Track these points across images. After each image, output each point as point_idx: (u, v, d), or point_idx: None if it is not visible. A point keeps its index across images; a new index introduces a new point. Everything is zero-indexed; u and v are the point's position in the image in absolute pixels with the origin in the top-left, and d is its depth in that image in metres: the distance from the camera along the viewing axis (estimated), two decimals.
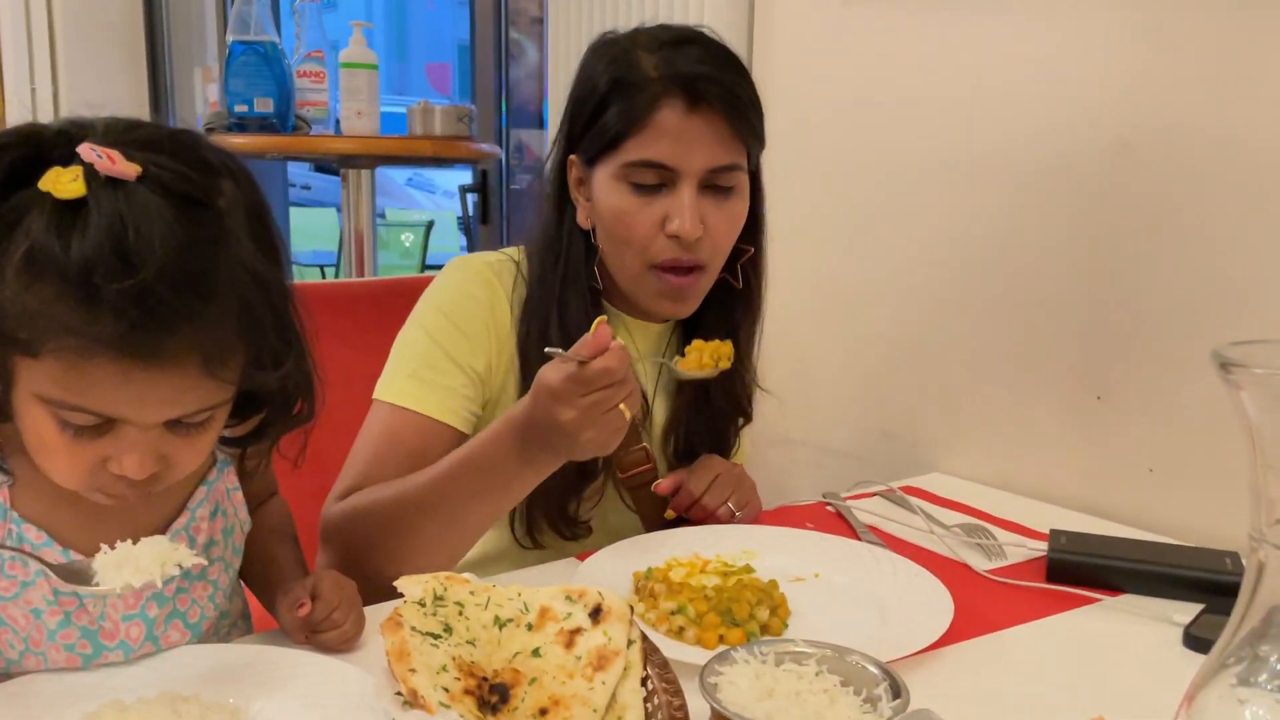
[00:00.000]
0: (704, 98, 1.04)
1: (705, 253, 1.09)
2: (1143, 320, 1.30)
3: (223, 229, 0.72)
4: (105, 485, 0.75)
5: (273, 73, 2.14)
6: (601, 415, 0.92)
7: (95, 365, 0.68)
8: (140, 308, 0.66)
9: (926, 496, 1.37)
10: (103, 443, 0.72)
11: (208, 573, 0.88)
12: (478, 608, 0.83)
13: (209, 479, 0.89)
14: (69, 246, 0.66)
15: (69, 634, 0.81)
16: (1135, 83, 1.29)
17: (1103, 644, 0.96)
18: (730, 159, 1.07)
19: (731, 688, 0.72)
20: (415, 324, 1.14)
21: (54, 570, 0.76)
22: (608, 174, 1.09)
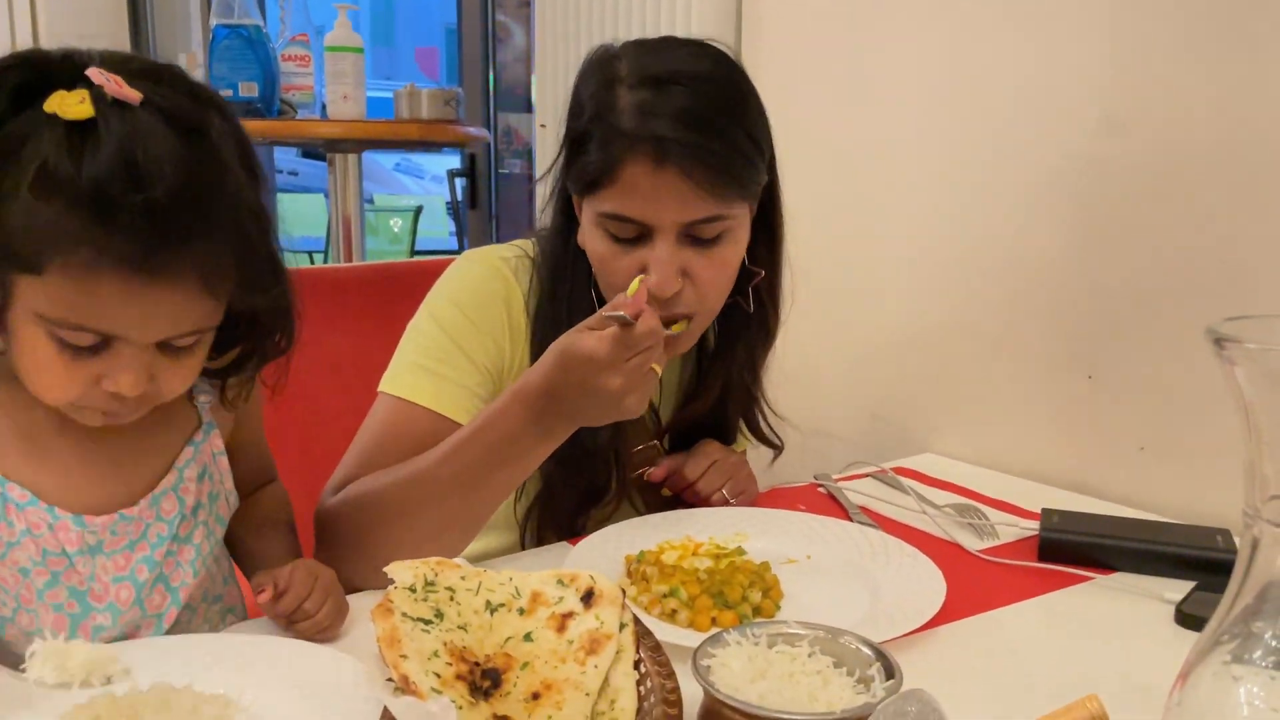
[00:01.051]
0: (670, 158, 0.96)
1: (689, 305, 1.03)
2: (1133, 299, 1.30)
3: (218, 156, 0.75)
4: (96, 402, 0.77)
5: (257, 56, 2.12)
6: (643, 377, 0.91)
7: (101, 282, 0.70)
8: (151, 224, 0.69)
9: (918, 477, 1.37)
10: (98, 361, 0.74)
11: (192, 536, 0.88)
12: (469, 593, 0.82)
13: (195, 439, 0.89)
14: (81, 165, 0.68)
15: (57, 593, 0.81)
16: (1124, 60, 1.28)
17: (1095, 622, 0.97)
18: (706, 212, 1.00)
19: (724, 670, 0.72)
20: (427, 316, 1.10)
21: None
22: (589, 215, 1.04)
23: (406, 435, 1.03)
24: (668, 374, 1.20)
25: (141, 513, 0.85)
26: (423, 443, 1.01)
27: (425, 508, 0.97)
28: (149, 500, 0.86)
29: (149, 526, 0.86)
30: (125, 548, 0.84)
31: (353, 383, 1.45)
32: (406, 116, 2.24)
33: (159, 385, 0.78)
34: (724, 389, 1.19)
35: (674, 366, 1.22)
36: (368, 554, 0.95)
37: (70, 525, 0.81)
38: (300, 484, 1.23)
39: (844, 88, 1.63)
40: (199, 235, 0.72)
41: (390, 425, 1.05)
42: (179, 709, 0.71)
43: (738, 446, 1.30)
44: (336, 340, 1.55)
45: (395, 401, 1.05)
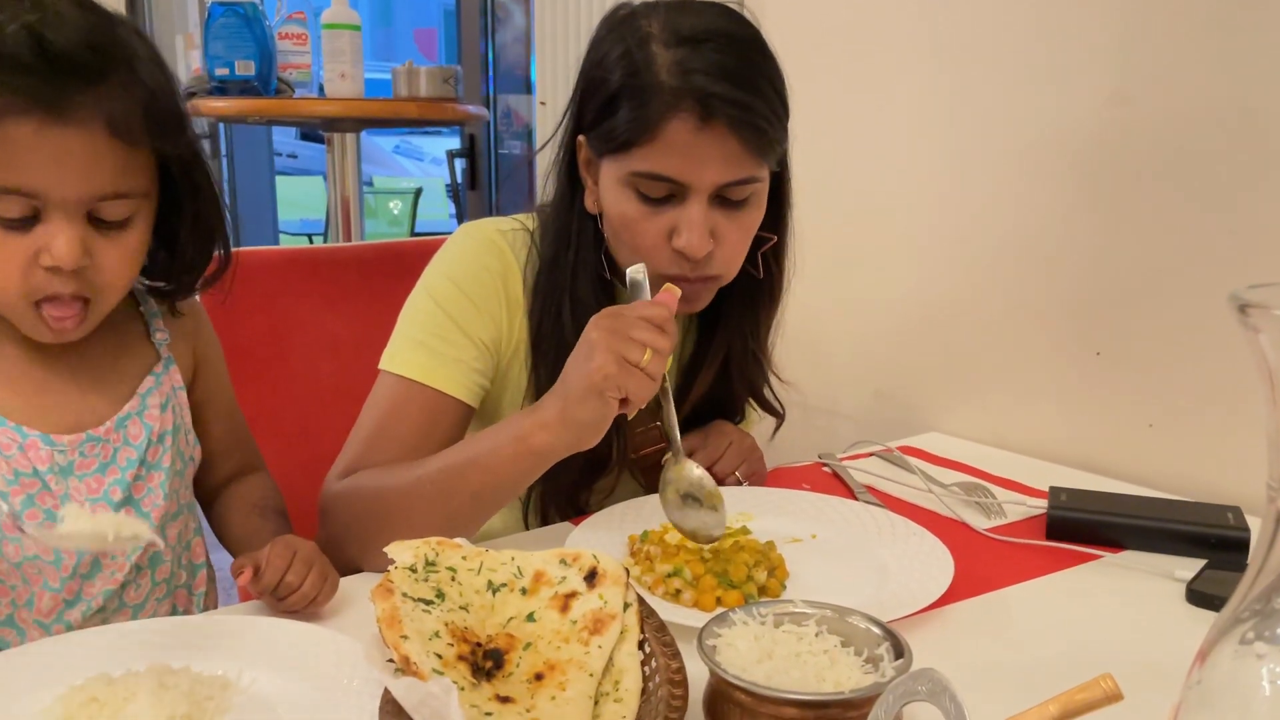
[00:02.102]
0: (715, 115, 0.95)
1: (716, 266, 1.03)
2: (1142, 275, 1.28)
3: (120, 26, 0.80)
4: (39, 285, 0.78)
5: (253, 34, 2.09)
6: (623, 343, 0.88)
7: (9, 125, 0.74)
8: (43, 58, 0.73)
9: (924, 456, 1.35)
10: (31, 236, 0.77)
11: (160, 461, 0.91)
12: (470, 573, 0.81)
13: (156, 370, 0.92)
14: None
15: (34, 515, 0.83)
16: (1133, 34, 1.26)
17: (1105, 601, 0.95)
18: (744, 173, 0.99)
19: (730, 650, 0.71)
20: (424, 292, 1.09)
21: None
22: (615, 175, 1.01)
23: (409, 415, 1.02)
24: None
25: (108, 434, 0.87)
26: (424, 421, 1.01)
27: (432, 508, 0.96)
28: (114, 422, 0.88)
29: (117, 450, 0.88)
30: (96, 470, 0.86)
31: (351, 363, 1.44)
32: (405, 95, 2.22)
33: (98, 265, 0.80)
34: (728, 356, 1.18)
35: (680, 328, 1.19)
36: (374, 545, 0.92)
37: (39, 444, 0.84)
38: (300, 463, 1.23)
39: (851, 63, 1.61)
40: (97, 76, 0.76)
41: (392, 405, 1.04)
42: (176, 690, 0.70)
43: (745, 425, 1.29)
44: (335, 320, 1.54)
45: (396, 380, 1.04)
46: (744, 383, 1.19)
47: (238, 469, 1.02)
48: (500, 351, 1.09)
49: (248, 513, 1.00)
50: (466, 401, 1.06)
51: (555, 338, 1.07)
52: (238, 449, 1.02)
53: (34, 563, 0.85)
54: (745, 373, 1.19)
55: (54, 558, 0.85)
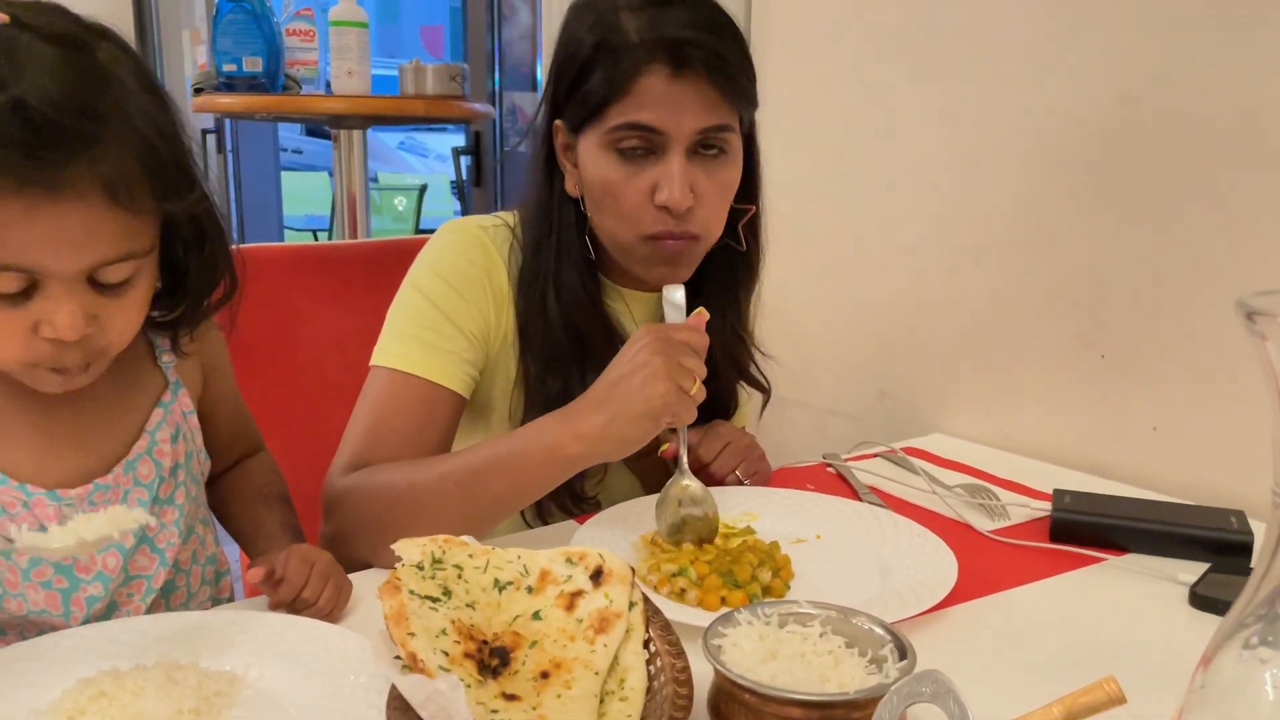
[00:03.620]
0: (689, 62, 0.99)
1: (698, 224, 1.05)
2: (1147, 277, 1.28)
3: (106, 70, 0.72)
4: (42, 356, 0.73)
5: (261, 31, 2.10)
6: (679, 372, 0.91)
7: (2, 204, 0.67)
8: (27, 129, 0.66)
9: (928, 457, 1.36)
10: (29, 308, 0.72)
11: (174, 497, 0.88)
12: (476, 570, 0.81)
13: (164, 400, 0.88)
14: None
15: (43, 571, 0.80)
16: (1141, 34, 1.26)
17: (1108, 604, 0.96)
18: (719, 119, 1.02)
19: (735, 650, 0.71)
20: (411, 288, 1.11)
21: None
22: (594, 142, 1.04)
23: (405, 406, 1.04)
24: (644, 312, 1.19)
25: (117, 479, 0.84)
26: (421, 412, 1.04)
27: (453, 508, 0.97)
28: (123, 467, 0.85)
29: (128, 492, 0.85)
30: None
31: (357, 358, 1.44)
32: (411, 92, 2.22)
33: (102, 326, 0.75)
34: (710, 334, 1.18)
35: (655, 307, 1.19)
36: (384, 541, 0.92)
37: (45, 501, 0.80)
38: (308, 459, 1.23)
39: (856, 57, 1.61)
40: (88, 141, 0.69)
41: (389, 397, 1.05)
42: (185, 685, 0.71)
43: (737, 421, 1.30)
44: (341, 316, 1.55)
45: (390, 374, 1.06)
46: (728, 360, 1.20)
47: (241, 456, 1.02)
48: (489, 342, 1.11)
49: (251, 501, 0.99)
50: (459, 392, 1.07)
51: (541, 324, 1.09)
52: (242, 439, 1.02)
53: (42, 616, 0.82)
54: (730, 350, 1.20)
55: (62, 611, 0.82)
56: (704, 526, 1.00)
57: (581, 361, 1.09)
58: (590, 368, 1.07)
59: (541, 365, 1.09)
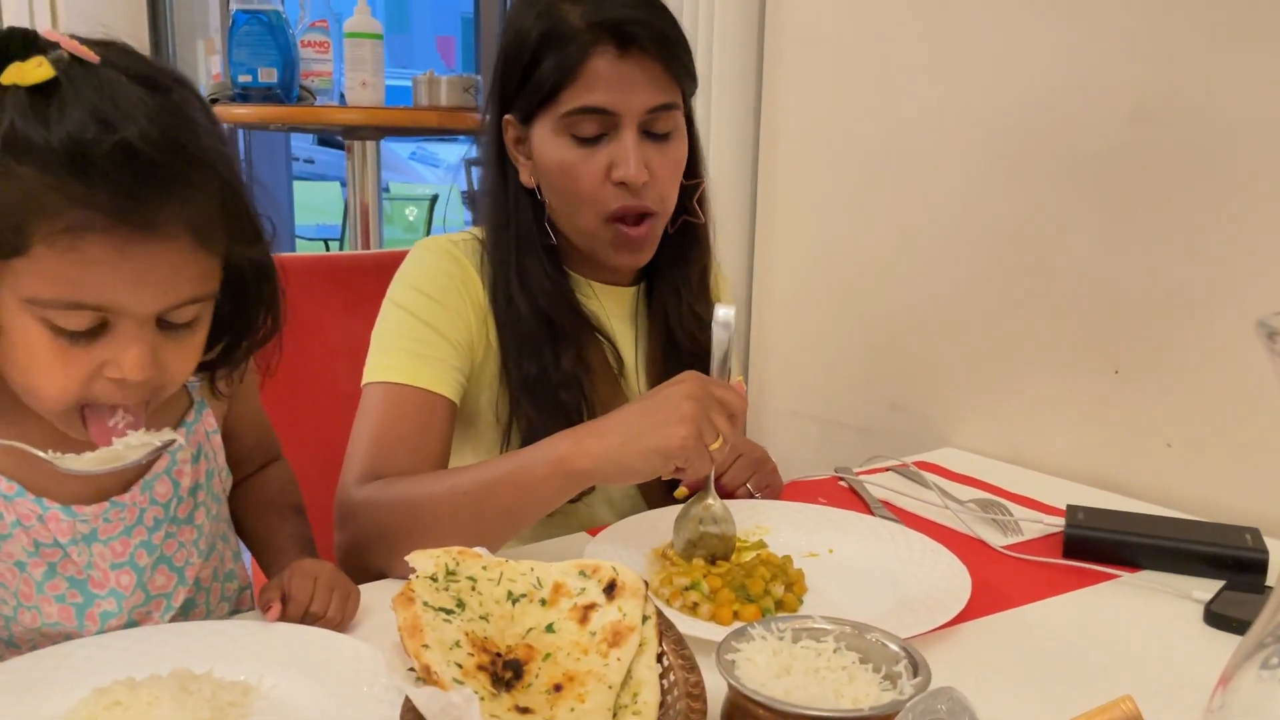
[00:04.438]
0: (634, 40, 1.04)
1: (653, 199, 1.10)
2: (1162, 293, 1.28)
3: (185, 110, 0.72)
4: (101, 395, 0.73)
5: (277, 42, 2.11)
6: (707, 424, 0.91)
7: (90, 243, 0.67)
8: (131, 171, 0.66)
9: (940, 471, 1.35)
10: (97, 348, 0.71)
11: (193, 517, 0.88)
12: (490, 583, 0.82)
13: (188, 420, 0.88)
14: (48, 124, 0.65)
15: (56, 585, 0.81)
16: (1153, 50, 1.26)
17: (1123, 621, 0.95)
18: (667, 98, 1.08)
19: (749, 664, 0.71)
20: (392, 305, 1.14)
21: None
22: (547, 129, 1.08)
23: (405, 415, 1.07)
24: (615, 306, 1.21)
25: (134, 498, 0.84)
26: (421, 421, 1.07)
27: (465, 521, 0.97)
28: (140, 486, 0.85)
29: (144, 511, 0.85)
30: (121, 534, 0.84)
31: None
32: (425, 104, 2.23)
33: (164, 367, 0.74)
34: (666, 315, 1.21)
35: (625, 300, 1.23)
36: (398, 553, 0.93)
37: (60, 516, 0.80)
38: (320, 467, 1.23)
39: (868, 72, 1.61)
40: (182, 182, 0.69)
41: (388, 409, 1.07)
42: (199, 695, 0.71)
43: None
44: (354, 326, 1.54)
45: (384, 386, 1.07)
46: (686, 336, 1.21)
47: (259, 465, 1.03)
48: (473, 349, 1.13)
49: (265, 511, 0.99)
50: (451, 398, 1.10)
51: (512, 314, 1.12)
52: (262, 450, 1.02)
53: (56, 629, 0.83)
54: (684, 325, 1.21)
55: (76, 624, 0.83)
56: (720, 545, 1.00)
57: (555, 343, 1.12)
58: (563, 349, 1.12)
59: (515, 351, 1.12)
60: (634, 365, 1.22)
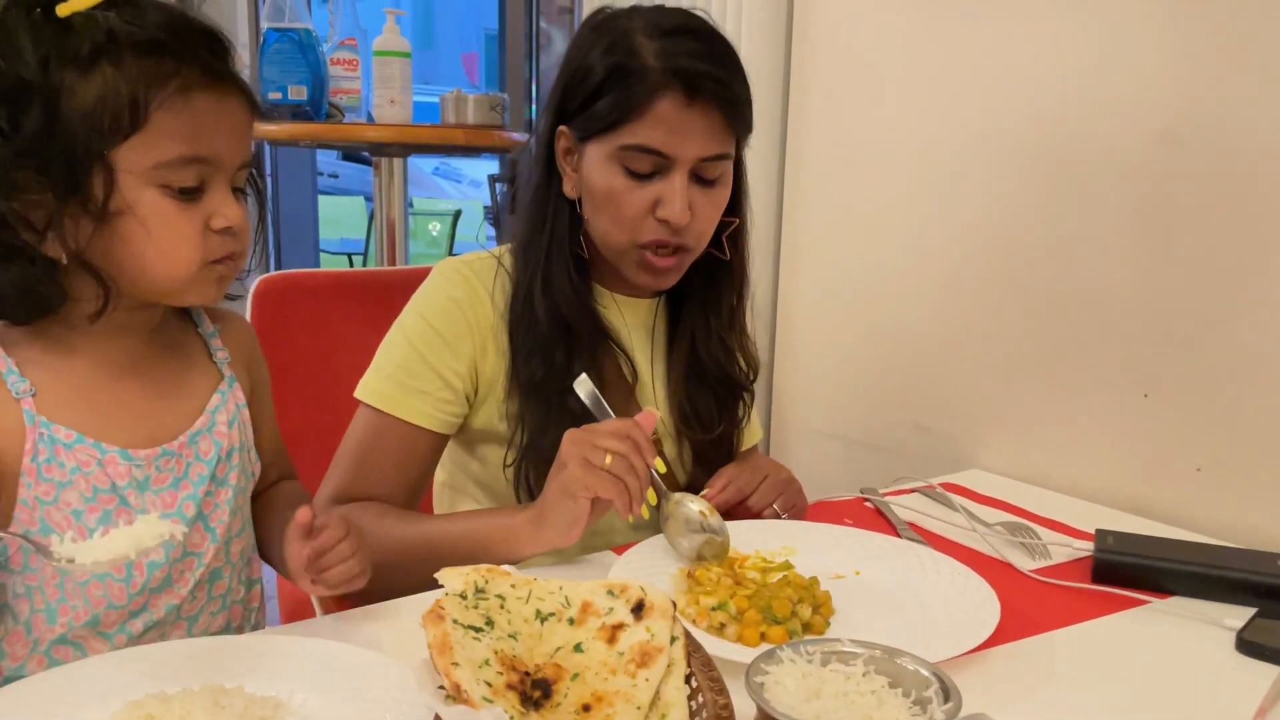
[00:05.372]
0: (701, 93, 1.06)
1: (691, 238, 1.12)
2: (1191, 315, 1.27)
3: None
4: (214, 248, 0.84)
5: (307, 60, 2.13)
6: (589, 441, 0.98)
7: (196, 99, 0.80)
8: (209, 44, 0.82)
9: (966, 493, 1.35)
10: (203, 204, 0.83)
11: (228, 478, 0.93)
12: (519, 601, 0.82)
13: (221, 388, 0.95)
14: (139, 22, 0.79)
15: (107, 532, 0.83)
16: (1183, 72, 1.26)
17: (1154, 648, 0.94)
18: (722, 149, 1.10)
19: (778, 687, 0.71)
20: (399, 328, 1.18)
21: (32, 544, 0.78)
22: (601, 154, 1.10)
23: (387, 445, 1.14)
24: (633, 316, 1.24)
25: (181, 449, 0.90)
26: (399, 451, 1.14)
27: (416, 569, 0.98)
28: (187, 437, 0.91)
29: (190, 465, 0.90)
30: (170, 485, 0.89)
31: None
32: (453, 121, 2.25)
33: (242, 219, 0.87)
34: (694, 338, 1.23)
35: (644, 312, 1.25)
36: None
37: (118, 459, 0.86)
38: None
39: (894, 91, 1.61)
40: (228, 53, 0.84)
41: (372, 435, 1.14)
42: (230, 709, 0.71)
43: (749, 436, 1.31)
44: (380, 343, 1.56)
45: (372, 412, 1.14)
46: (712, 361, 1.23)
47: (277, 479, 1.07)
48: (476, 378, 1.17)
49: (282, 508, 1.02)
50: (437, 431, 1.15)
51: (527, 320, 1.15)
52: (278, 463, 1.06)
53: (101, 582, 0.86)
54: (711, 352, 1.23)
55: (125, 575, 0.86)
56: (720, 548, 1.04)
57: (568, 349, 1.14)
58: (577, 355, 1.14)
59: (526, 352, 1.15)
60: (650, 378, 1.22)
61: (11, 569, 0.86)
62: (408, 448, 1.14)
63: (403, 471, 1.14)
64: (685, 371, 1.23)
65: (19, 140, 0.77)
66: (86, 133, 0.78)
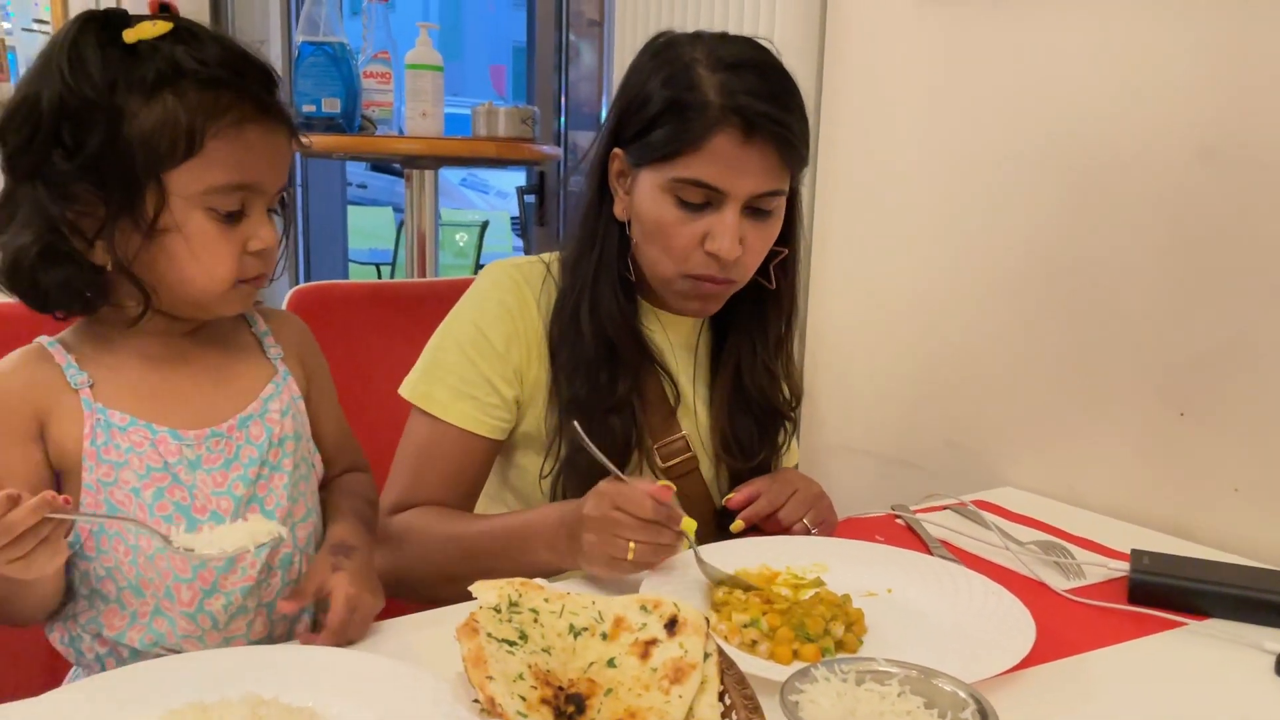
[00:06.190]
0: (759, 131, 1.06)
1: (738, 271, 1.13)
2: (1228, 334, 1.26)
3: None
4: (247, 269, 0.90)
5: (340, 73, 2.15)
6: (611, 531, 0.97)
7: (248, 131, 0.86)
8: (263, 80, 0.88)
9: (998, 511, 1.34)
10: (242, 227, 0.88)
11: (282, 464, 0.96)
12: (552, 615, 0.82)
13: (275, 379, 0.98)
14: (203, 53, 0.84)
15: (164, 506, 0.89)
16: (1219, 89, 1.25)
17: (1191, 671, 0.93)
18: (776, 185, 1.10)
19: (813, 706, 0.71)
20: (450, 334, 1.19)
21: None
22: (654, 182, 1.10)
23: (443, 453, 1.16)
24: (677, 335, 1.24)
25: (231, 431, 0.93)
26: (456, 457, 1.16)
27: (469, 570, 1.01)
28: (237, 421, 0.94)
29: (240, 448, 0.94)
30: (221, 466, 0.92)
31: None
32: (484, 134, 2.26)
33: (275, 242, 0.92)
34: (739, 363, 1.23)
35: (687, 330, 1.25)
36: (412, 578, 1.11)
37: (169, 439, 0.90)
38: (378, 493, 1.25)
39: (926, 108, 1.61)
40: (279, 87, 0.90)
41: (429, 443, 1.17)
42: None
43: (787, 460, 1.30)
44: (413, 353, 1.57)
45: (428, 420, 1.16)
46: (756, 389, 1.24)
47: (343, 471, 1.09)
48: (523, 384, 1.18)
49: (340, 492, 1.06)
50: (492, 437, 1.17)
51: (572, 335, 1.15)
52: (345, 454, 1.09)
53: (165, 555, 0.89)
54: (756, 379, 1.24)
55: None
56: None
57: (613, 368, 1.15)
58: (621, 374, 1.15)
59: (569, 370, 1.16)
60: (692, 399, 1.22)
61: (86, 555, 0.90)
62: (463, 453, 1.16)
63: (459, 478, 1.17)
64: (729, 398, 1.24)
65: (81, 156, 0.82)
66: (145, 155, 0.83)
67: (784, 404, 1.27)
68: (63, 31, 0.84)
